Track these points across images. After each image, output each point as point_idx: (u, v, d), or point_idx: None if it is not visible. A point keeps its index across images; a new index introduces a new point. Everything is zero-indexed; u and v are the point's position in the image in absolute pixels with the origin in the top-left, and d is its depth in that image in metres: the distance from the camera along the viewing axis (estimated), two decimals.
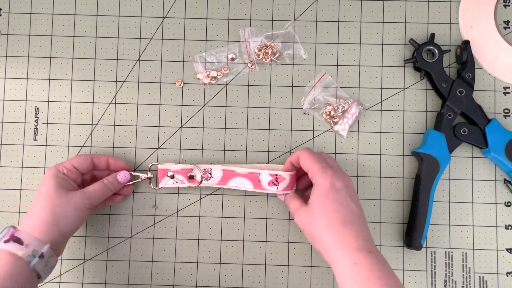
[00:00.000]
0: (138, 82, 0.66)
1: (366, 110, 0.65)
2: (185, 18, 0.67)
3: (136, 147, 0.65)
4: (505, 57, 0.64)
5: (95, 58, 0.66)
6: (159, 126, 0.65)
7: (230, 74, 0.66)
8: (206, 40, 0.66)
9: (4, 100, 0.66)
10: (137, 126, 0.65)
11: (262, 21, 0.66)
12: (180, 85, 0.66)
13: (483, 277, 0.63)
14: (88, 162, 0.61)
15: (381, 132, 0.65)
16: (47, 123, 0.66)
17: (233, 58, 0.66)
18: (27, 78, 0.66)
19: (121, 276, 0.64)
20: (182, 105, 0.66)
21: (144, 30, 0.67)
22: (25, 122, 0.66)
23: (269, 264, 0.64)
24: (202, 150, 0.65)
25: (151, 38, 0.66)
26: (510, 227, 0.63)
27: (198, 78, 0.66)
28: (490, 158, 0.63)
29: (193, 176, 0.62)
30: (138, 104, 0.66)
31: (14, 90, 0.66)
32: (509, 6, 0.66)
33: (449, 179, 0.64)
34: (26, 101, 0.66)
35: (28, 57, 0.66)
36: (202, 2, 0.67)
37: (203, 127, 0.65)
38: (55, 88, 0.66)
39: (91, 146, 0.65)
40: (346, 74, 0.66)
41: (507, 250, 0.63)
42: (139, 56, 0.66)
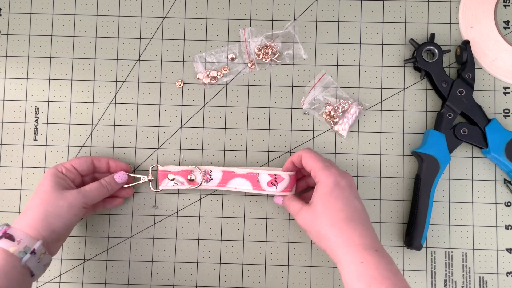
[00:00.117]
0: (138, 82, 0.66)
1: (366, 110, 0.65)
2: (185, 18, 0.67)
3: (136, 147, 0.65)
4: (505, 57, 0.64)
5: (95, 58, 0.66)
6: (159, 126, 0.65)
7: (230, 74, 0.66)
8: (206, 40, 0.66)
9: (4, 100, 0.66)
10: (137, 126, 0.65)
11: (262, 21, 0.66)
12: (180, 85, 0.66)
13: (483, 277, 0.63)
14: (88, 163, 0.61)
15: (381, 132, 0.65)
16: (47, 123, 0.66)
17: (233, 58, 0.66)
18: (27, 78, 0.66)
19: (121, 276, 0.64)
20: (182, 105, 0.66)
21: (144, 30, 0.67)
22: (25, 122, 0.66)
23: (269, 264, 0.64)
24: (202, 150, 0.65)
25: (151, 38, 0.66)
26: (510, 227, 0.63)
27: (198, 78, 0.66)
28: (490, 158, 0.63)
29: (193, 179, 0.62)
30: (138, 104, 0.66)
31: (14, 90, 0.66)
32: (509, 6, 0.66)
33: (449, 179, 0.64)
34: (26, 101, 0.66)
35: (28, 57, 0.66)
36: (202, 2, 0.67)
37: (203, 127, 0.65)
38: (55, 88, 0.66)
39: (91, 146, 0.65)
40: (346, 74, 0.66)
41: (507, 250, 0.63)
42: (139, 56, 0.66)
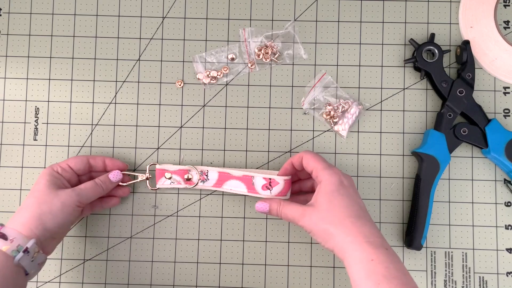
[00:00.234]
0: (138, 82, 0.66)
1: (366, 110, 0.65)
2: (185, 18, 0.67)
3: (136, 147, 0.65)
4: (505, 57, 0.64)
5: (95, 58, 0.66)
6: (159, 126, 0.65)
7: (230, 74, 0.66)
8: (206, 40, 0.66)
9: (4, 100, 0.66)
10: (137, 126, 0.65)
11: (262, 21, 0.66)
12: (180, 85, 0.66)
13: (483, 277, 0.63)
14: (84, 163, 0.60)
15: (381, 132, 0.65)
16: (47, 123, 0.66)
17: (233, 58, 0.66)
18: (27, 78, 0.66)
19: (121, 276, 0.64)
20: (182, 105, 0.66)
21: (144, 30, 0.67)
22: (25, 122, 0.66)
23: (269, 264, 0.64)
24: (202, 150, 0.65)
25: (151, 38, 0.66)
26: (510, 227, 0.63)
27: (198, 78, 0.66)
28: (490, 158, 0.63)
29: (190, 178, 0.62)
30: (138, 104, 0.66)
31: (14, 90, 0.66)
32: (509, 6, 0.66)
33: (449, 179, 0.64)
34: (26, 101, 0.66)
35: (28, 57, 0.66)
36: (202, 2, 0.67)
37: (203, 127, 0.65)
38: (55, 88, 0.66)
39: (91, 146, 0.65)
40: (346, 74, 0.66)
41: (507, 250, 0.63)
42: (139, 56, 0.66)
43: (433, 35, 0.64)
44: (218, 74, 0.65)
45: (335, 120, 0.65)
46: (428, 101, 0.65)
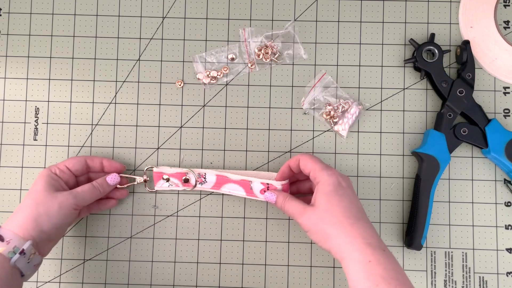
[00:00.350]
0: (138, 82, 0.66)
1: (366, 110, 0.65)
2: (185, 18, 0.67)
3: (136, 147, 0.65)
4: (505, 57, 0.64)
5: (95, 58, 0.66)
6: (159, 126, 0.65)
7: (230, 74, 0.66)
8: (206, 40, 0.66)
9: (4, 100, 0.66)
10: (137, 126, 0.65)
11: (262, 21, 0.66)
12: (180, 85, 0.66)
13: (483, 277, 0.63)
14: (81, 163, 0.60)
15: (381, 132, 0.65)
16: (47, 123, 0.66)
17: (233, 58, 0.66)
18: (27, 78, 0.66)
19: (121, 276, 0.64)
20: (182, 105, 0.66)
21: (144, 30, 0.67)
22: (25, 122, 0.66)
23: (269, 264, 0.64)
24: (202, 150, 0.65)
25: (151, 38, 0.66)
26: (510, 227, 0.63)
27: (198, 78, 0.66)
28: (490, 158, 0.63)
29: (187, 179, 0.62)
30: (138, 104, 0.66)
31: (14, 90, 0.66)
32: (509, 6, 0.66)
33: (449, 179, 0.64)
34: (26, 101, 0.66)
35: (28, 57, 0.66)
36: (202, 2, 0.67)
37: (203, 127, 0.65)
38: (55, 88, 0.66)
39: (91, 146, 0.65)
40: (346, 74, 0.66)
41: (507, 250, 0.63)
42: (139, 56, 0.66)
43: (433, 35, 0.64)
44: (218, 74, 0.65)
45: (335, 120, 0.65)
46: (428, 101, 0.65)
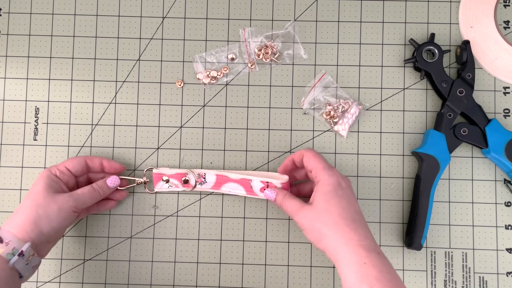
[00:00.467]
0: (138, 82, 0.66)
1: (366, 110, 0.65)
2: (185, 18, 0.67)
3: (136, 147, 0.65)
4: (505, 57, 0.64)
5: (95, 58, 0.66)
6: (159, 126, 0.65)
7: (230, 74, 0.66)
8: (206, 40, 0.66)
9: (4, 100, 0.66)
10: (137, 126, 0.65)
11: (262, 21, 0.66)
12: (180, 85, 0.66)
13: (483, 277, 0.63)
14: (81, 164, 0.60)
15: (381, 132, 0.65)
16: (47, 123, 0.66)
17: (233, 58, 0.66)
18: (27, 78, 0.66)
19: (121, 276, 0.64)
20: (182, 105, 0.66)
21: (144, 30, 0.67)
22: (25, 122, 0.66)
23: (269, 264, 0.64)
24: (202, 150, 0.65)
25: (151, 38, 0.66)
26: (510, 227, 0.63)
27: (198, 78, 0.66)
28: (490, 158, 0.63)
29: (187, 180, 0.62)
30: (138, 104, 0.66)
31: (14, 90, 0.66)
32: (509, 6, 0.66)
33: (449, 179, 0.64)
34: (26, 101, 0.66)
35: (28, 57, 0.66)
36: (202, 2, 0.67)
37: (203, 127, 0.65)
38: (55, 88, 0.66)
39: (91, 146, 0.65)
40: (346, 74, 0.66)
41: (507, 250, 0.63)
42: (139, 56, 0.66)
43: (433, 35, 0.64)
44: (218, 74, 0.65)
45: (335, 120, 0.65)
46: (428, 101, 0.65)
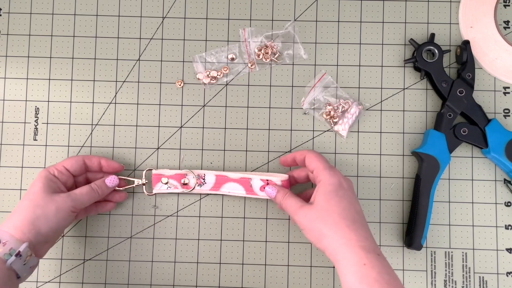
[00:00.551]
0: (138, 82, 0.66)
1: (366, 110, 0.65)
2: (185, 18, 0.67)
3: (136, 147, 0.65)
4: (505, 57, 0.64)
5: (95, 58, 0.66)
6: (159, 126, 0.65)
7: (230, 74, 0.66)
8: (206, 40, 0.66)
9: (4, 100, 0.66)
10: (137, 126, 0.65)
11: (262, 21, 0.66)
12: (180, 85, 0.66)
13: (483, 277, 0.63)
14: (79, 163, 0.60)
15: (381, 132, 0.65)
16: (47, 123, 0.66)
17: (233, 58, 0.66)
18: (27, 78, 0.66)
19: (121, 276, 0.64)
20: (182, 105, 0.66)
21: (144, 30, 0.67)
22: (25, 122, 0.66)
23: (269, 264, 0.64)
24: (202, 150, 0.65)
25: (151, 38, 0.66)
26: (510, 227, 0.63)
27: (198, 78, 0.66)
28: (490, 158, 0.63)
29: (186, 183, 0.62)
30: (138, 104, 0.66)
31: (14, 90, 0.66)
32: (509, 6, 0.66)
33: (449, 179, 0.64)
34: (26, 101, 0.66)
35: (28, 57, 0.66)
36: (202, 2, 0.67)
37: (203, 127, 0.65)
38: (55, 88, 0.66)
39: (91, 146, 0.65)
40: (346, 74, 0.66)
41: (507, 250, 0.63)
42: (139, 56, 0.66)
43: (433, 35, 0.64)
44: (218, 74, 0.65)
45: (335, 120, 0.65)
46: (428, 101, 0.65)
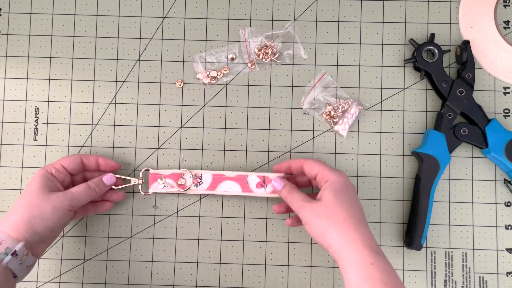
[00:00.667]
0: (138, 82, 0.66)
1: (366, 110, 0.65)
2: (185, 18, 0.67)
3: (136, 147, 0.65)
4: (505, 57, 0.64)
5: (95, 58, 0.66)
6: (159, 126, 0.65)
7: (230, 74, 0.66)
8: (206, 40, 0.66)
9: (4, 100, 0.66)
10: (137, 126, 0.65)
11: (262, 21, 0.66)
12: (180, 85, 0.66)
13: (483, 277, 0.63)
14: (77, 162, 0.60)
15: (381, 132, 0.65)
16: (47, 123, 0.66)
17: (233, 58, 0.66)
18: (27, 78, 0.66)
19: (121, 276, 0.64)
20: (182, 105, 0.66)
21: (144, 30, 0.67)
22: (25, 122, 0.66)
23: (269, 264, 0.64)
24: (202, 150, 0.65)
25: (151, 38, 0.66)
26: (510, 227, 0.63)
27: (198, 78, 0.66)
28: (490, 158, 0.63)
29: (183, 183, 0.62)
30: (138, 104, 0.66)
31: (14, 90, 0.66)
32: (509, 6, 0.66)
33: (449, 179, 0.64)
34: (26, 101, 0.66)
35: (28, 57, 0.66)
36: (202, 2, 0.67)
37: (203, 127, 0.65)
38: (55, 88, 0.66)
39: (91, 146, 0.65)
40: (346, 74, 0.66)
41: (507, 250, 0.63)
42: (139, 56, 0.66)
43: (433, 35, 0.64)
44: (218, 74, 0.65)
45: (335, 120, 0.65)
46: (428, 101, 0.65)
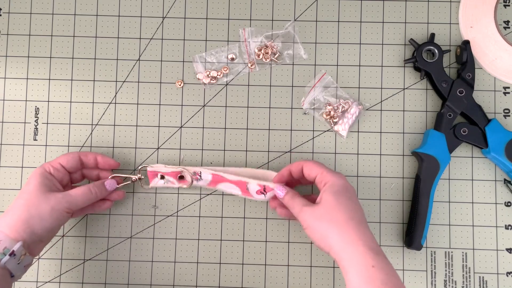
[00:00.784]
0: (138, 82, 0.66)
1: (366, 110, 0.65)
2: (185, 18, 0.67)
3: (136, 147, 0.65)
4: (505, 57, 0.64)
5: (95, 58, 0.66)
6: (159, 126, 0.66)
7: (230, 74, 0.66)
8: (206, 40, 0.66)
9: (4, 100, 0.66)
10: (137, 126, 0.65)
11: (262, 21, 0.66)
12: (180, 85, 0.66)
13: (483, 277, 0.63)
14: (75, 160, 0.59)
15: (381, 132, 0.65)
16: (47, 123, 0.66)
17: (233, 58, 0.66)
18: (27, 78, 0.66)
19: (121, 276, 0.64)
20: (182, 105, 0.66)
21: (144, 30, 0.67)
22: (25, 122, 0.66)
23: (269, 264, 0.64)
24: (202, 150, 0.65)
25: (151, 38, 0.66)
26: (510, 227, 0.63)
27: (198, 78, 0.66)
28: (490, 158, 0.63)
29: (183, 176, 0.62)
30: (138, 104, 0.66)
31: (14, 90, 0.66)
32: (509, 6, 0.66)
33: (449, 179, 0.64)
34: (26, 101, 0.66)
35: (28, 57, 0.66)
36: (202, 2, 0.67)
37: (203, 127, 0.65)
38: (55, 88, 0.66)
39: (91, 146, 0.65)
40: (346, 74, 0.66)
41: (507, 250, 0.63)
42: (139, 56, 0.66)
43: (433, 35, 0.64)
44: (218, 74, 0.65)
45: (335, 120, 0.65)
46: (428, 101, 0.65)
